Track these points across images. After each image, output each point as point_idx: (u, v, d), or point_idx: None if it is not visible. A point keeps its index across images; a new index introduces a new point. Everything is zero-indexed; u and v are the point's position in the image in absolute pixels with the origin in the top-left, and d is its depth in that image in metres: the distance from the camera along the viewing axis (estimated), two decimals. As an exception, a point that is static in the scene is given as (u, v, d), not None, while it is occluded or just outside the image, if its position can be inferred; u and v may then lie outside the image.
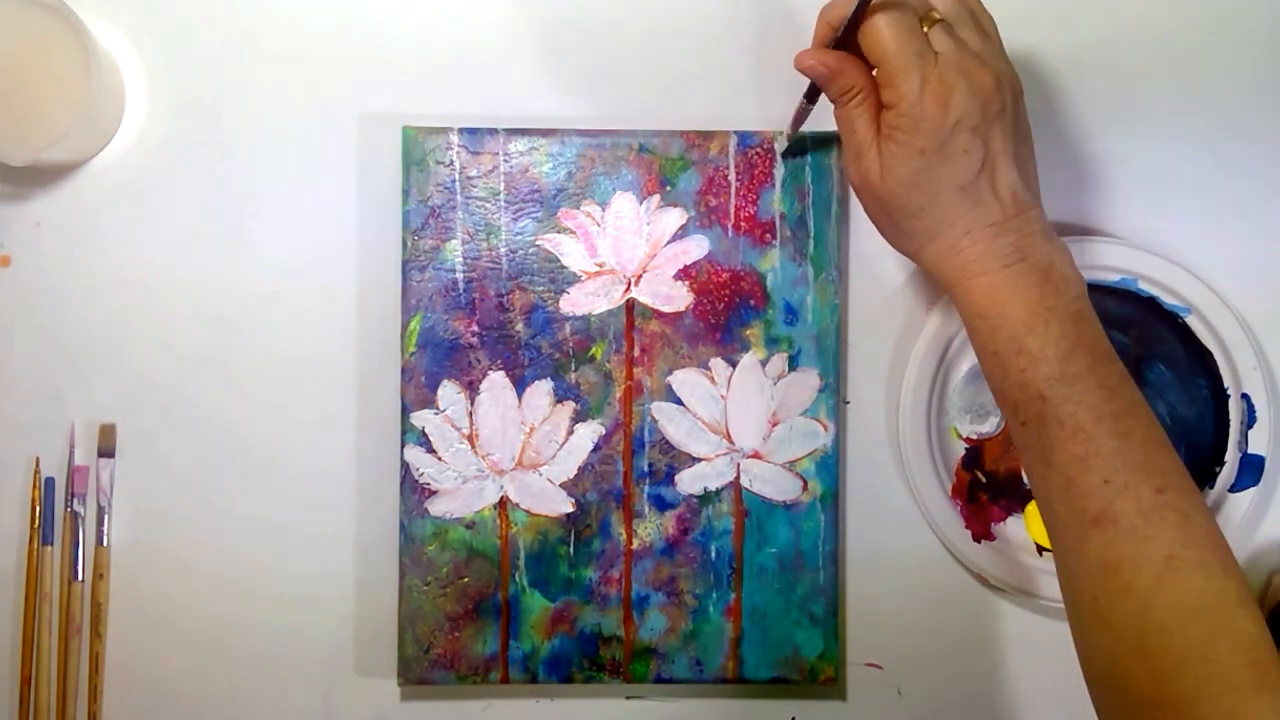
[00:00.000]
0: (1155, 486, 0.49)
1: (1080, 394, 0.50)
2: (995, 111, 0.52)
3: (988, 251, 0.52)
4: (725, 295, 0.62)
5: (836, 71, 0.53)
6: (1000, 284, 0.52)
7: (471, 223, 0.61)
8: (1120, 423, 0.50)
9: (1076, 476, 0.50)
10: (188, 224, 0.63)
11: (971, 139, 0.51)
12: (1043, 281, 0.52)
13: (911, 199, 0.53)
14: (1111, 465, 0.49)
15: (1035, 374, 0.51)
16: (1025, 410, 0.52)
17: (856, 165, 0.54)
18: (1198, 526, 0.48)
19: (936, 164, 0.52)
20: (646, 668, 0.62)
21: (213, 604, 0.63)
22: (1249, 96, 0.64)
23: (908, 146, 0.52)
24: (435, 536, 0.61)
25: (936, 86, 0.51)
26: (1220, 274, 0.63)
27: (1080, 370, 0.51)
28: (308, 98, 0.63)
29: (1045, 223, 0.53)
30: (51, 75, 0.59)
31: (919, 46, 0.51)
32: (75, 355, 0.63)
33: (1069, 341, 0.51)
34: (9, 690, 0.62)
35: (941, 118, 0.51)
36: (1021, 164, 0.53)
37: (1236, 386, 0.62)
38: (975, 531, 0.63)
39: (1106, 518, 0.49)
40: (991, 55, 0.53)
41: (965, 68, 0.51)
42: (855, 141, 0.54)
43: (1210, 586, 0.47)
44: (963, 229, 0.53)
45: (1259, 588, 0.64)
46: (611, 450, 0.62)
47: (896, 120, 0.52)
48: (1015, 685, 0.64)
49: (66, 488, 0.63)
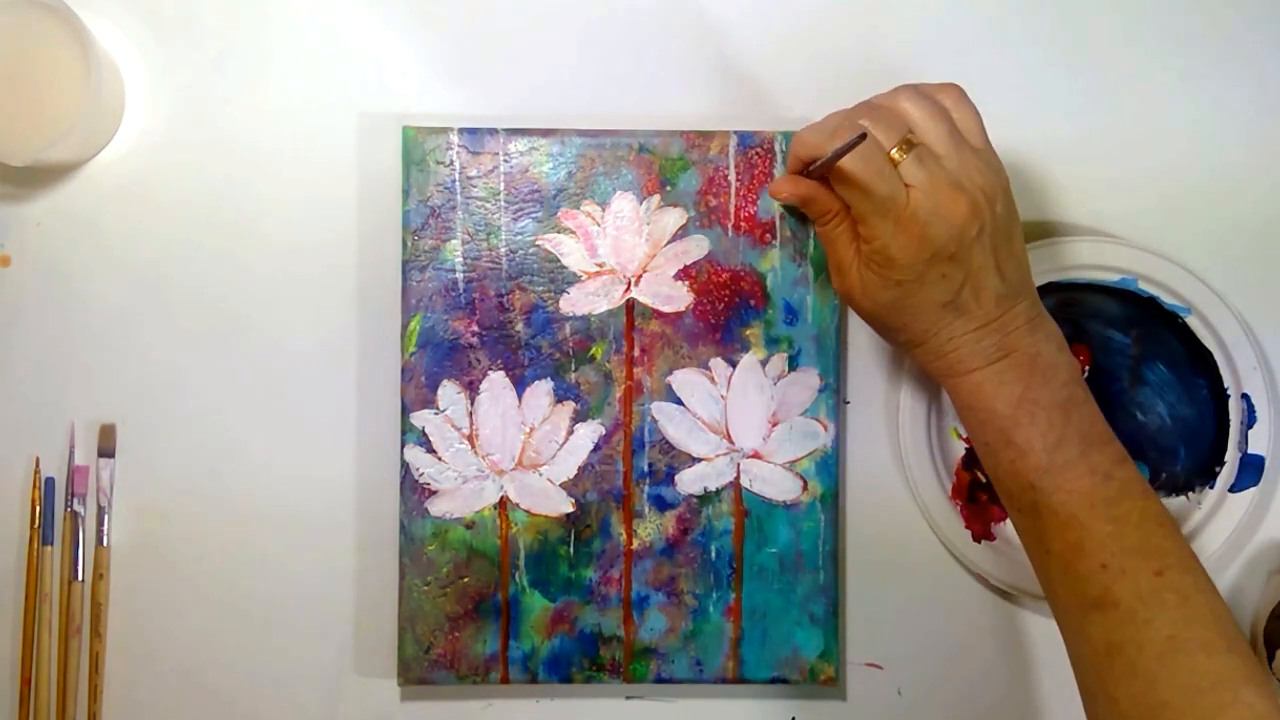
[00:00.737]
0: (1154, 569, 0.49)
1: (1071, 482, 0.51)
2: (973, 235, 0.51)
3: (971, 353, 0.53)
4: (725, 295, 0.62)
5: (810, 200, 0.54)
6: (985, 380, 0.53)
7: (471, 223, 0.61)
8: (1114, 508, 0.50)
9: (1073, 562, 0.50)
10: (188, 224, 0.63)
11: (950, 266, 0.51)
12: (1028, 374, 0.52)
13: (892, 319, 0.54)
14: (1108, 550, 0.50)
15: (1025, 465, 0.52)
16: (1019, 499, 0.53)
17: (839, 280, 0.55)
18: (1199, 605, 0.49)
19: (915, 291, 0.52)
20: (646, 668, 0.62)
21: (213, 604, 0.63)
22: (1250, 96, 0.64)
23: (884, 279, 0.52)
24: (435, 536, 0.61)
25: (910, 225, 0.51)
26: (1220, 274, 0.63)
27: (1070, 459, 0.51)
28: (308, 98, 0.63)
29: (1032, 311, 0.54)
30: (51, 75, 0.59)
31: (887, 190, 0.51)
32: (75, 355, 0.63)
33: (1056, 432, 0.51)
34: (9, 690, 0.62)
35: (916, 255, 0.51)
36: (1006, 263, 0.53)
37: (1236, 386, 0.62)
38: (975, 531, 0.63)
39: (1106, 602, 0.49)
40: (970, 171, 0.52)
41: (939, 200, 0.51)
42: (836, 259, 0.55)
43: (1214, 665, 0.47)
44: (945, 337, 0.53)
45: (1259, 588, 0.64)
46: (611, 450, 0.62)
47: (872, 255, 0.52)
48: (1015, 685, 0.64)
49: (66, 488, 0.63)
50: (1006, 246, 0.53)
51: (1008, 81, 0.64)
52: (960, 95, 0.54)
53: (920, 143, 0.52)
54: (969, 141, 0.53)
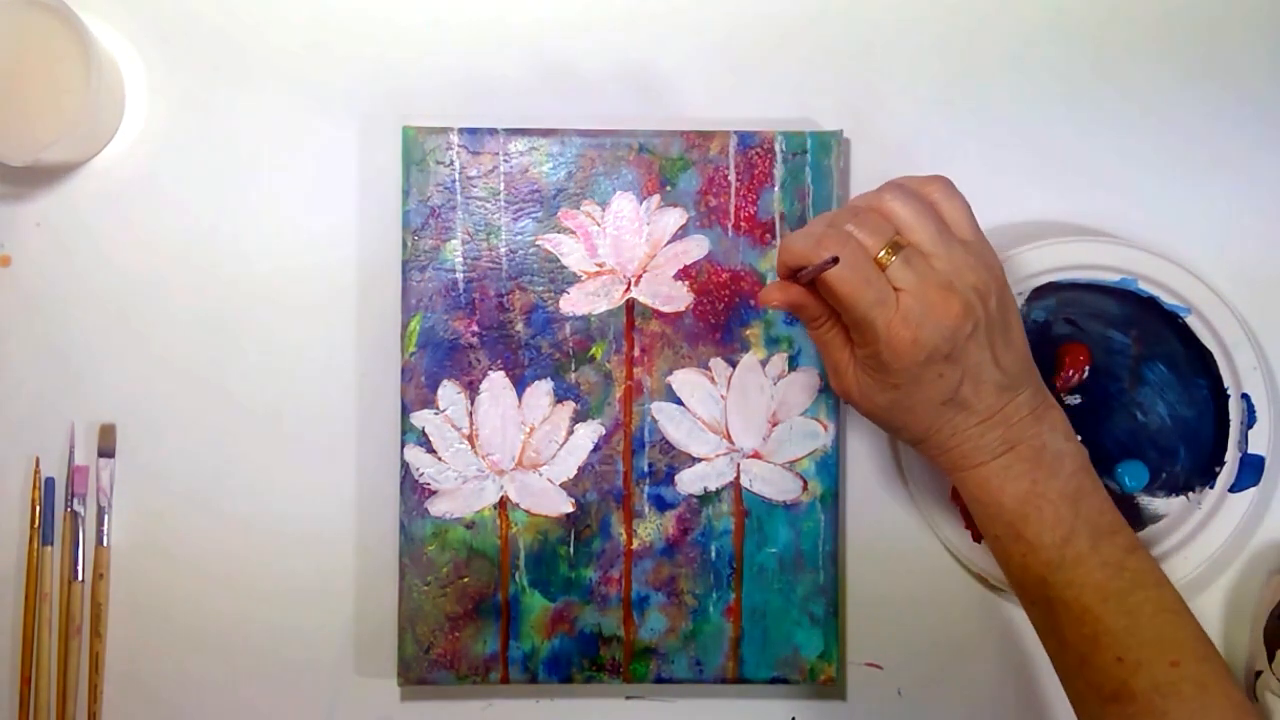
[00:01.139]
0: (1170, 660, 0.49)
1: (1083, 577, 0.51)
2: (967, 333, 0.50)
3: (975, 447, 0.53)
4: (725, 295, 0.62)
5: (800, 306, 0.53)
6: (992, 475, 0.52)
7: (471, 223, 0.61)
8: (1127, 600, 0.50)
9: (1089, 655, 0.50)
10: (188, 224, 0.63)
11: (946, 366, 0.51)
12: (1034, 466, 0.52)
13: (893, 419, 0.54)
14: (1123, 644, 0.49)
15: (1035, 560, 0.51)
16: (1031, 592, 0.52)
17: (837, 382, 0.55)
18: (1216, 695, 0.49)
19: (912, 392, 0.52)
20: (646, 668, 0.62)
21: (213, 604, 0.63)
22: (1250, 96, 0.64)
23: (881, 383, 0.52)
24: (435, 536, 0.61)
25: (900, 330, 0.50)
26: (1220, 274, 0.63)
27: (1080, 553, 0.51)
28: (308, 98, 0.63)
29: (1035, 400, 0.53)
30: (51, 75, 0.59)
31: (875, 296, 0.50)
32: (75, 355, 0.63)
33: (1066, 525, 0.51)
34: (9, 690, 0.62)
35: (910, 358, 0.50)
36: (1003, 354, 0.52)
37: (1236, 386, 0.62)
38: (975, 532, 0.63)
39: (1123, 695, 0.49)
40: (960, 269, 0.50)
41: (930, 303, 0.50)
42: (831, 361, 0.55)
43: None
44: (948, 433, 0.53)
45: (1259, 588, 0.64)
46: (611, 450, 0.62)
47: (866, 360, 0.52)
48: (1015, 685, 0.64)
49: (66, 488, 0.63)
50: (1003, 338, 0.52)
51: (1008, 82, 0.64)
52: (947, 187, 0.52)
53: (908, 244, 0.50)
54: (959, 236, 0.51)
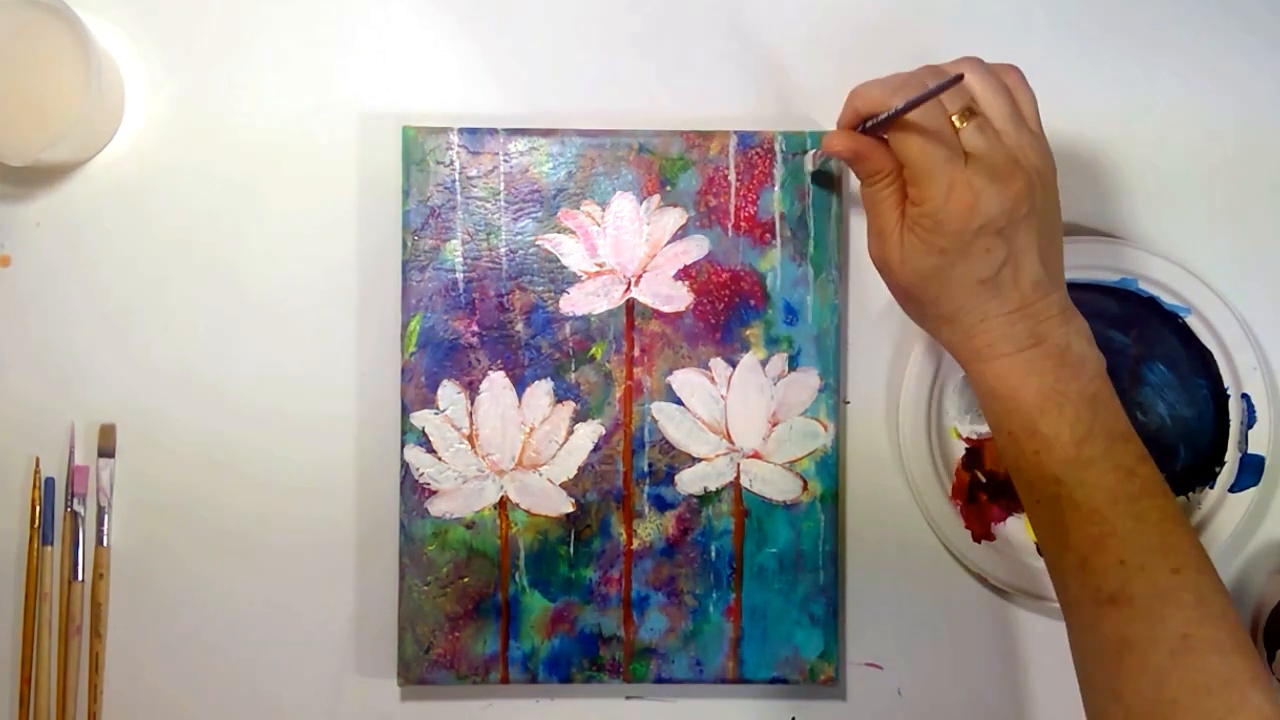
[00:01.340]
0: (1171, 567, 0.49)
1: (1095, 477, 0.50)
2: (1023, 214, 0.51)
3: (1003, 336, 0.52)
4: (725, 295, 0.62)
5: (865, 157, 0.53)
6: (1014, 368, 0.52)
7: (471, 223, 0.61)
8: (1136, 504, 0.50)
9: (1091, 557, 0.50)
10: (187, 224, 0.63)
11: (995, 240, 0.51)
12: (1058, 365, 0.52)
13: (928, 289, 0.53)
14: (1127, 547, 0.50)
15: (1049, 457, 0.51)
16: (1040, 490, 0.52)
17: (878, 246, 0.54)
18: (1213, 605, 0.49)
19: (957, 261, 0.51)
20: (646, 668, 0.62)
21: (212, 604, 0.63)
22: (1250, 95, 0.64)
23: (929, 244, 0.52)
24: (435, 536, 0.61)
25: (963, 192, 0.50)
26: (1220, 274, 0.63)
27: (1095, 454, 0.51)
28: (308, 98, 0.63)
29: (1065, 303, 0.53)
30: (51, 75, 0.59)
31: (948, 152, 0.50)
32: (75, 355, 0.63)
33: (1084, 425, 0.51)
34: (9, 690, 0.62)
35: (966, 223, 0.50)
36: (1047, 248, 0.53)
37: (1236, 386, 0.62)
38: (975, 531, 0.63)
39: (1122, 598, 0.49)
40: (1027, 149, 0.52)
41: (995, 172, 0.50)
42: (879, 223, 0.54)
43: (1224, 664, 0.47)
44: (978, 316, 0.52)
45: (1259, 588, 0.64)
46: (611, 450, 0.62)
47: (920, 218, 0.52)
48: (1015, 685, 0.64)
49: (66, 488, 0.63)
50: (1049, 234, 0.53)
51: (1008, 81, 0.64)
52: (1021, 78, 0.54)
53: (981, 114, 0.51)
54: (1027, 124, 0.53)
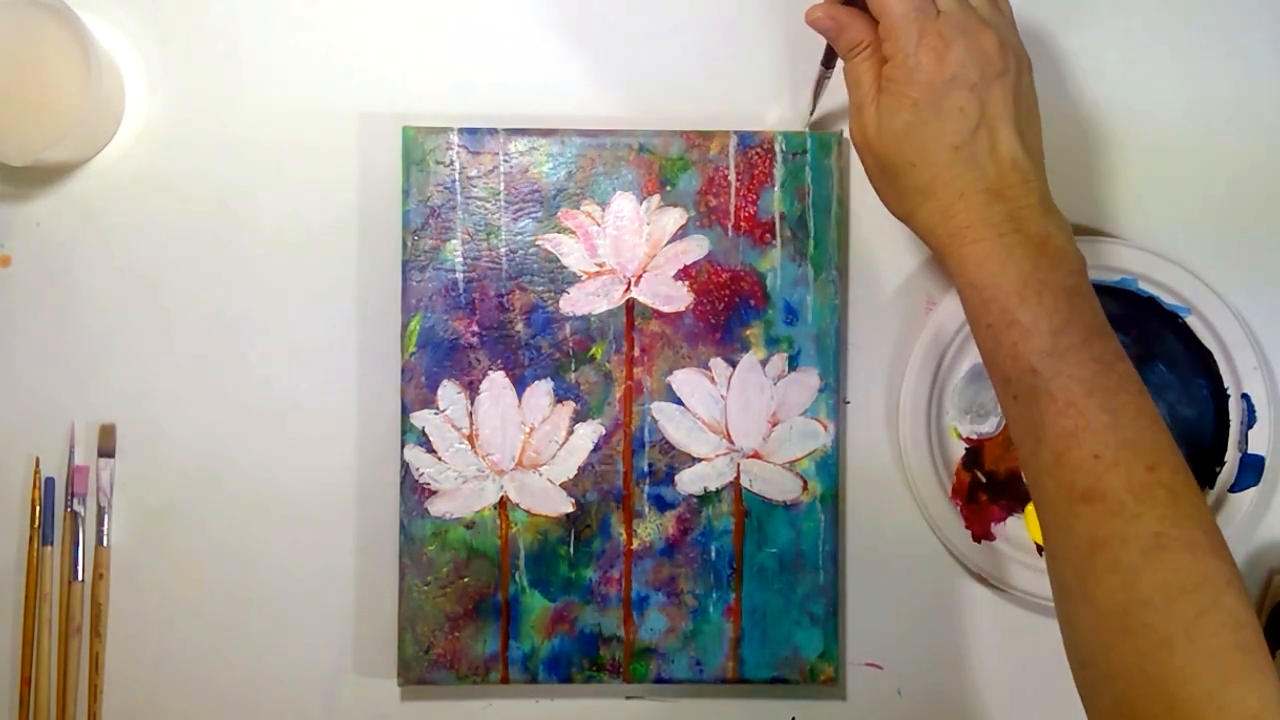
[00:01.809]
0: (1146, 464, 0.48)
1: (1072, 368, 0.49)
2: (995, 72, 0.51)
3: (980, 218, 0.52)
4: (725, 295, 0.62)
5: (844, 26, 0.54)
6: (993, 253, 0.51)
7: (471, 223, 0.61)
8: (1113, 398, 0.49)
9: (1066, 451, 0.49)
10: (187, 224, 0.63)
11: (968, 97, 0.51)
12: (1037, 254, 0.51)
13: (903, 153, 0.53)
14: (1102, 440, 0.48)
15: (1027, 347, 0.50)
16: (1016, 383, 0.51)
17: (857, 120, 0.54)
18: (1187, 505, 0.48)
19: (930, 118, 0.52)
20: (646, 668, 0.62)
21: (212, 604, 0.63)
22: (1251, 94, 0.64)
23: (901, 98, 0.52)
24: (435, 536, 0.61)
25: (934, 40, 0.51)
26: (1220, 274, 0.63)
27: (1073, 344, 0.50)
28: (308, 98, 0.63)
29: (1046, 196, 0.53)
30: (51, 75, 0.59)
31: (921, 3, 0.52)
32: (75, 355, 0.63)
33: (1062, 315, 0.50)
34: (9, 690, 0.62)
35: (936, 71, 0.51)
36: (1024, 129, 0.53)
37: (1236, 386, 0.62)
38: (975, 531, 0.63)
39: (1095, 494, 0.48)
40: (998, 23, 0.53)
41: (967, 27, 0.51)
42: (858, 96, 0.54)
43: (1198, 565, 0.46)
44: (956, 190, 0.52)
45: (1259, 588, 0.64)
46: (611, 450, 0.62)
47: (892, 72, 0.52)
48: (1015, 685, 0.64)
49: (66, 488, 0.63)
50: (1028, 113, 0.53)
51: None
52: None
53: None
54: (1001, 10, 0.54)
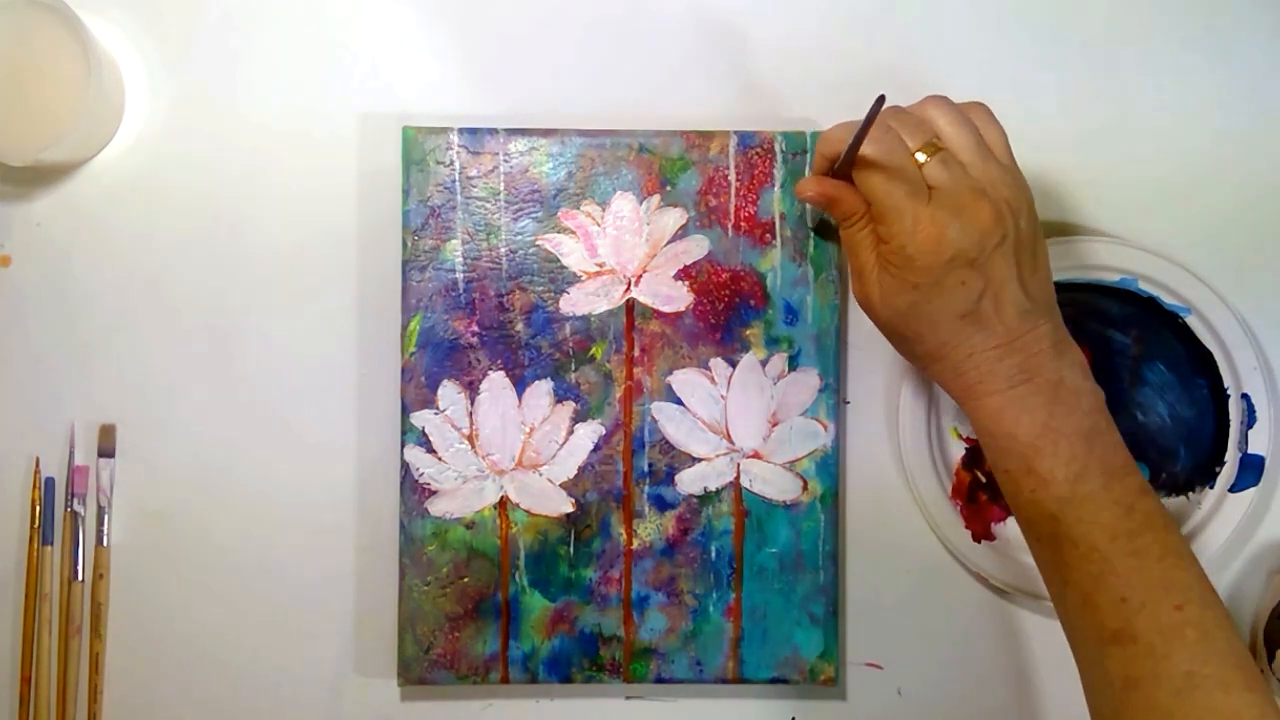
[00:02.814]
0: (1174, 603, 0.49)
1: (1093, 514, 0.50)
2: (994, 243, 0.51)
3: (992, 373, 0.52)
4: (725, 295, 0.62)
5: (835, 200, 0.54)
6: (1007, 405, 0.52)
7: (471, 223, 0.61)
8: (1136, 540, 0.50)
9: (1093, 594, 0.50)
10: (188, 224, 0.63)
11: (969, 273, 0.51)
12: (1051, 401, 0.51)
13: (909, 326, 0.53)
14: (1128, 584, 0.49)
15: (1046, 495, 0.51)
16: (1038, 529, 0.52)
17: (858, 285, 0.55)
18: (1218, 641, 0.48)
19: (933, 296, 0.51)
20: (646, 668, 0.62)
21: (212, 604, 0.63)
22: (1250, 94, 0.64)
23: (902, 281, 0.52)
24: (435, 536, 0.61)
25: (928, 227, 0.50)
26: (1220, 274, 0.63)
27: (1093, 490, 0.50)
28: (308, 98, 0.63)
29: (1057, 334, 0.53)
30: (51, 75, 0.59)
31: (909, 189, 0.51)
32: (75, 355, 0.63)
33: (1079, 462, 0.51)
34: (9, 690, 0.62)
35: (935, 257, 0.50)
36: (1029, 278, 0.52)
37: (1236, 386, 0.62)
38: (975, 531, 0.63)
39: (1125, 635, 0.49)
40: (995, 181, 0.52)
41: (961, 203, 0.50)
42: (857, 264, 0.54)
43: (1231, 702, 0.47)
44: (965, 352, 0.52)
45: (1259, 588, 0.64)
46: (611, 450, 0.62)
47: (890, 255, 0.52)
48: (1015, 685, 0.64)
49: (66, 488, 0.63)
50: (1030, 261, 0.52)
51: (1006, 81, 0.64)
52: (988, 113, 0.54)
53: (945, 148, 0.52)
54: (995, 156, 0.53)
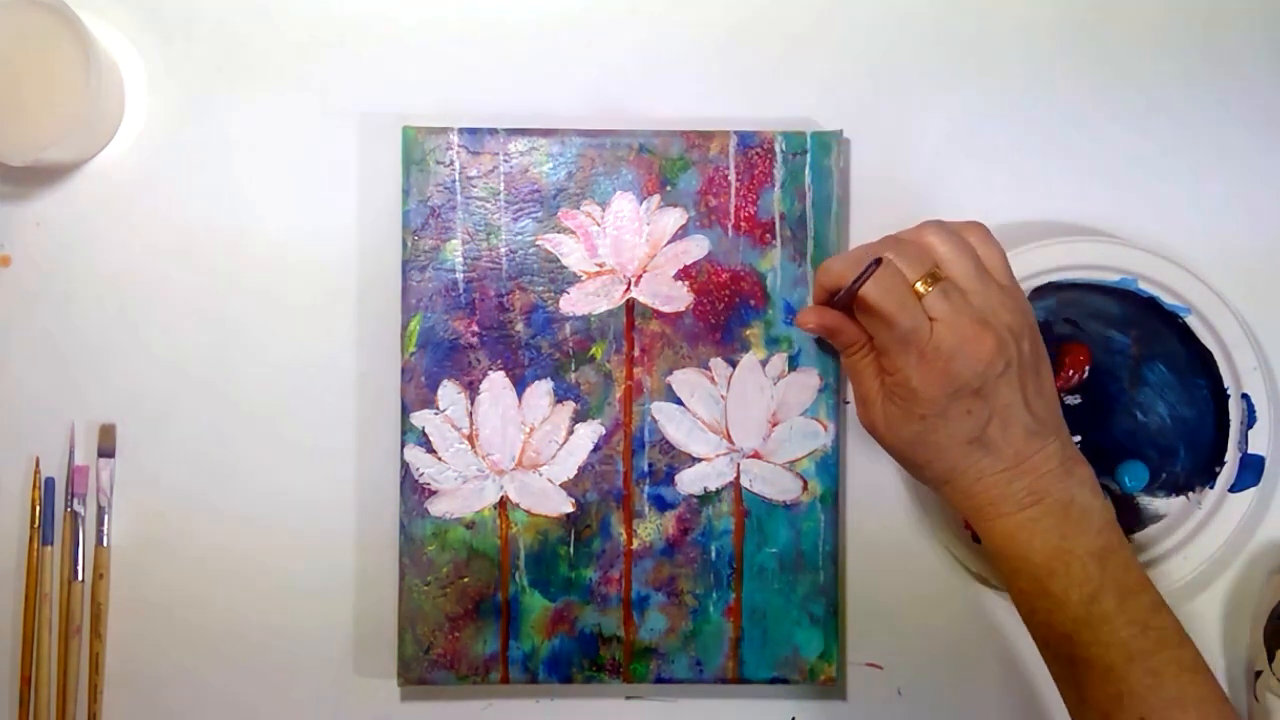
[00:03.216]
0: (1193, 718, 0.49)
1: (1108, 635, 0.50)
2: (998, 371, 0.51)
3: (1002, 496, 0.52)
4: (725, 295, 0.62)
5: (836, 331, 0.54)
6: (1018, 528, 0.52)
7: (471, 223, 0.61)
8: (1152, 659, 0.50)
9: (1112, 714, 0.50)
10: (188, 224, 0.63)
11: (974, 401, 0.51)
12: (1062, 522, 0.51)
13: (916, 454, 0.53)
14: (1147, 704, 0.49)
15: (1061, 616, 0.51)
16: (1054, 648, 0.52)
17: (864, 413, 0.55)
18: None
19: (938, 426, 0.52)
20: (646, 668, 0.62)
21: (212, 604, 0.63)
22: (1250, 95, 0.64)
23: (908, 413, 0.52)
24: (435, 536, 0.61)
25: (933, 359, 0.51)
26: (1220, 274, 0.63)
27: (1107, 611, 0.50)
28: (308, 98, 0.63)
29: (1065, 452, 0.53)
30: (51, 75, 0.59)
31: (911, 323, 0.51)
32: (75, 355, 0.63)
33: (1093, 583, 0.51)
34: (9, 690, 0.62)
35: (939, 389, 0.51)
36: (1034, 400, 0.52)
37: (1236, 386, 0.62)
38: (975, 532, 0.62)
39: None
40: (996, 307, 0.52)
41: (963, 335, 0.50)
42: (861, 391, 0.55)
43: None
44: (974, 476, 0.52)
45: (1259, 588, 0.64)
46: (611, 450, 0.62)
47: (895, 388, 0.52)
48: (1015, 685, 0.64)
49: (66, 488, 0.63)
50: (1035, 383, 0.52)
51: (1007, 79, 0.64)
52: (985, 233, 0.54)
53: (946, 277, 0.52)
54: (995, 279, 0.53)
